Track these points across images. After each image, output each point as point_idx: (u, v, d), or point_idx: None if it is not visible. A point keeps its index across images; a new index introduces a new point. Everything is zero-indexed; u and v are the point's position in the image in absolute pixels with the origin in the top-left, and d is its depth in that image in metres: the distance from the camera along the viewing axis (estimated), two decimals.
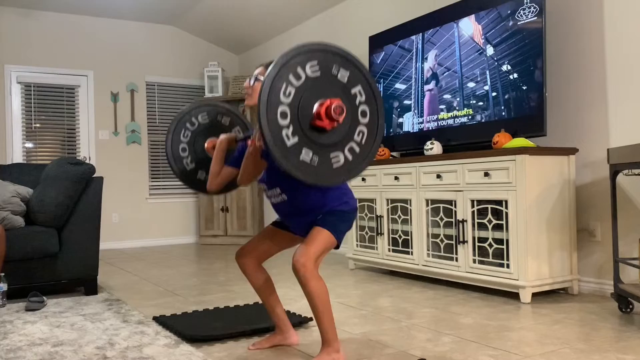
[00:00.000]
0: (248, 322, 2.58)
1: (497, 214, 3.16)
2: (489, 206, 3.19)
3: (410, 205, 3.73)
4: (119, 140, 6.55)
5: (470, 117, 3.62)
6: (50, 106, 6.24)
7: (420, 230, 3.65)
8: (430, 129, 3.91)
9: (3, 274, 3.16)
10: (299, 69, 1.74)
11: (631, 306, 2.71)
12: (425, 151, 3.71)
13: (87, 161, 4.84)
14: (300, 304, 3.05)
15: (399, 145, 4.20)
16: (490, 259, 3.18)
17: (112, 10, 6.26)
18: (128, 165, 6.59)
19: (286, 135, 1.70)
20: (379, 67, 4.35)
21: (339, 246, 2.05)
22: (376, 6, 4.96)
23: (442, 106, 3.82)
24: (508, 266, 3.06)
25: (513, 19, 3.33)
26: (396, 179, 3.86)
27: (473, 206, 3.28)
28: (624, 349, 2.15)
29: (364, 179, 4.16)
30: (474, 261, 3.27)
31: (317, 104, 1.75)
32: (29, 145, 6.14)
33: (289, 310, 2.73)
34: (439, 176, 3.50)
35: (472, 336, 2.37)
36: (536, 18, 3.19)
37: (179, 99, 6.94)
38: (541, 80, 3.16)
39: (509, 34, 3.35)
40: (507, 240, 3.07)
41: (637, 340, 2.27)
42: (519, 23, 3.29)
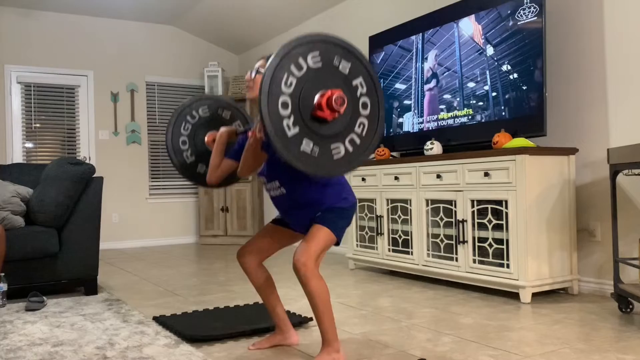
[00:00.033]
0: (248, 322, 2.58)
1: (497, 214, 3.16)
2: (489, 206, 3.19)
3: (410, 205, 3.73)
4: (119, 140, 6.56)
5: (470, 117, 3.62)
6: (50, 106, 6.24)
7: (420, 230, 3.65)
8: (430, 129, 3.91)
9: (3, 274, 3.16)
10: (300, 60, 1.73)
11: (631, 306, 2.71)
12: (425, 151, 3.71)
13: (87, 161, 4.84)
14: (301, 303, 3.05)
15: (399, 145, 4.20)
16: (490, 259, 3.18)
17: (112, 10, 6.26)
18: (128, 165, 6.59)
19: (287, 125, 1.69)
20: (379, 67, 4.35)
21: (339, 243, 2.05)
22: (376, 6, 4.96)
23: (442, 106, 3.82)
24: (508, 266, 3.06)
25: (513, 19, 3.33)
26: (396, 179, 3.86)
27: (473, 206, 3.28)
28: (624, 349, 2.15)
29: (364, 179, 4.17)
30: (474, 261, 3.27)
31: (318, 94, 1.74)
32: (29, 145, 6.14)
33: (289, 310, 2.73)
34: (439, 176, 3.50)
35: (472, 336, 2.37)
36: (536, 18, 3.19)
37: (179, 99, 6.94)
38: (541, 80, 3.16)
39: (509, 34, 3.35)
40: (507, 240, 3.07)
41: (637, 340, 2.27)
42: (519, 23, 3.29)
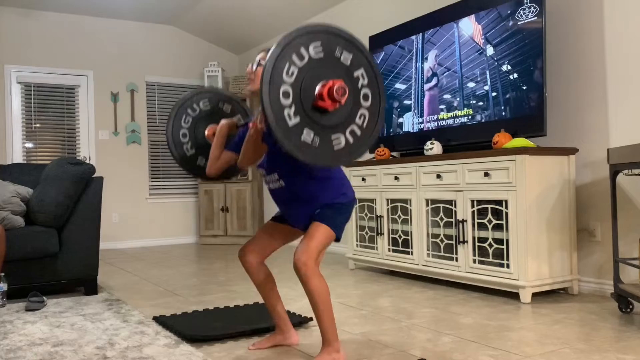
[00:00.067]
0: (248, 322, 2.58)
1: (497, 214, 3.16)
2: (489, 206, 3.19)
3: (410, 205, 3.73)
4: (119, 140, 6.55)
5: (470, 117, 3.62)
6: (50, 106, 6.24)
7: (420, 230, 3.65)
8: (430, 129, 3.91)
9: (3, 274, 3.16)
10: (302, 50, 1.72)
11: (631, 306, 2.71)
12: (425, 151, 3.71)
13: (87, 161, 4.84)
14: (301, 303, 3.05)
15: (399, 145, 4.20)
16: (490, 259, 3.18)
17: (112, 10, 6.26)
18: (128, 165, 6.59)
19: (288, 115, 1.69)
20: (379, 67, 4.34)
21: (339, 239, 2.04)
22: (376, 6, 4.96)
23: (442, 106, 3.82)
24: (508, 266, 3.06)
25: (513, 19, 3.33)
26: (396, 179, 3.86)
27: (473, 206, 3.28)
28: (624, 349, 2.15)
29: (364, 179, 4.17)
30: (474, 261, 3.27)
31: (319, 84, 1.74)
32: (29, 145, 6.14)
33: (289, 310, 2.73)
34: (439, 176, 3.50)
35: (472, 336, 2.37)
36: (536, 18, 3.19)
37: (179, 99, 6.93)
38: (541, 80, 3.16)
39: (509, 34, 3.35)
40: (507, 240, 3.07)
41: (637, 340, 2.27)
42: (519, 23, 3.29)
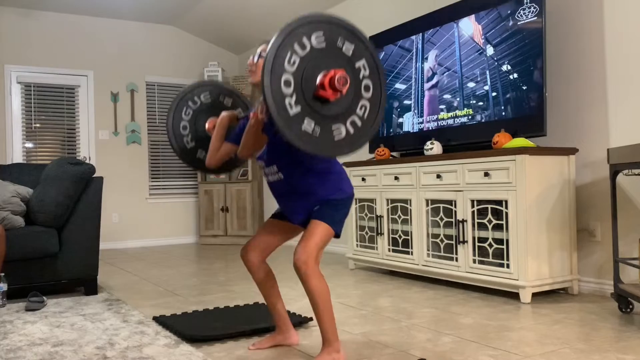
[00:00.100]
0: (248, 322, 2.58)
1: (497, 214, 3.16)
2: (489, 206, 3.19)
3: (410, 205, 3.73)
4: (119, 140, 6.55)
5: (470, 117, 3.62)
6: (50, 106, 6.24)
7: (420, 230, 3.65)
8: (430, 129, 3.91)
9: (3, 274, 3.16)
10: (304, 39, 1.72)
11: (631, 306, 2.71)
12: (425, 151, 3.71)
13: (87, 161, 4.84)
14: (301, 303, 3.05)
15: (399, 145, 4.20)
16: (490, 259, 3.18)
17: (112, 10, 6.26)
18: (128, 165, 6.59)
19: (289, 104, 1.69)
20: None
21: (339, 236, 2.04)
22: (376, 6, 4.96)
23: (442, 106, 3.82)
24: (508, 266, 3.06)
25: (513, 19, 3.33)
26: (396, 179, 3.86)
27: (473, 206, 3.28)
28: (624, 349, 2.15)
29: (364, 179, 4.17)
30: (474, 261, 3.27)
31: (321, 74, 1.74)
32: (29, 145, 6.14)
33: (289, 310, 2.73)
34: (439, 176, 3.50)
35: (472, 336, 2.37)
36: (536, 18, 3.19)
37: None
38: (541, 80, 3.16)
39: (509, 34, 3.35)
40: (507, 240, 3.07)
41: (637, 340, 2.27)
42: (519, 23, 3.29)
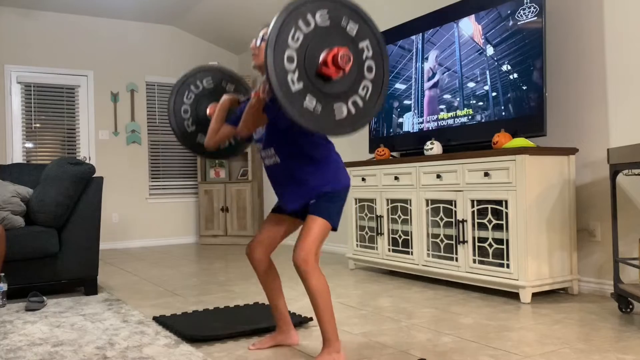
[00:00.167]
0: (248, 322, 2.58)
1: (497, 214, 3.16)
2: (489, 206, 3.19)
3: (410, 205, 3.73)
4: (119, 140, 6.55)
5: (470, 117, 3.62)
6: (50, 106, 6.24)
7: (420, 230, 3.65)
8: (430, 129, 3.91)
9: (3, 274, 3.16)
10: (309, 16, 1.72)
11: (631, 306, 2.71)
12: (425, 151, 3.71)
13: (87, 161, 4.84)
14: (301, 303, 3.05)
15: (399, 145, 4.20)
16: (490, 259, 3.18)
17: (112, 10, 6.26)
18: (128, 165, 6.59)
19: (291, 80, 1.69)
20: None
21: (336, 229, 2.05)
22: (376, 6, 4.96)
23: (442, 106, 3.82)
24: (508, 266, 3.06)
25: (513, 19, 3.32)
26: (396, 179, 3.86)
27: (473, 206, 3.28)
28: (624, 349, 2.15)
29: (364, 179, 4.17)
30: (474, 261, 3.27)
31: (324, 51, 1.74)
32: (29, 145, 6.14)
33: (289, 310, 2.72)
34: (439, 176, 3.50)
35: (472, 336, 2.37)
36: (536, 18, 3.19)
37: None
38: (541, 80, 3.16)
39: (509, 34, 3.35)
40: (507, 240, 3.07)
41: (637, 340, 2.27)
42: (519, 23, 3.29)
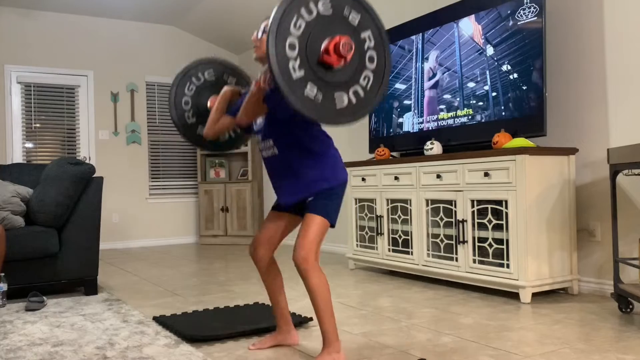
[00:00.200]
0: (248, 322, 2.58)
1: (497, 214, 3.16)
2: (489, 206, 3.19)
3: (410, 205, 3.73)
4: (119, 140, 6.55)
5: (470, 117, 3.62)
6: (50, 106, 6.24)
7: (420, 230, 3.65)
8: (430, 129, 3.91)
9: (3, 274, 3.16)
10: (311, 4, 1.73)
11: (631, 306, 2.71)
12: (425, 151, 3.71)
13: (87, 161, 4.84)
14: (301, 303, 3.05)
15: (399, 145, 4.20)
16: (490, 259, 3.18)
17: (111, 10, 6.26)
18: (128, 165, 6.59)
19: (293, 67, 1.69)
20: None
21: (334, 225, 2.05)
22: (376, 6, 4.95)
23: (442, 106, 3.82)
24: (508, 266, 3.06)
25: (513, 19, 3.32)
26: (396, 179, 3.86)
27: (473, 206, 3.28)
28: (624, 349, 2.15)
29: (364, 179, 4.17)
30: (474, 261, 3.27)
31: (326, 40, 1.74)
32: (29, 145, 6.14)
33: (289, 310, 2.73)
34: (439, 176, 3.50)
35: (472, 336, 2.37)
36: (536, 18, 3.19)
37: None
38: (541, 80, 3.16)
39: (509, 34, 3.35)
40: (507, 240, 3.07)
41: (637, 340, 2.27)
42: (519, 23, 3.29)
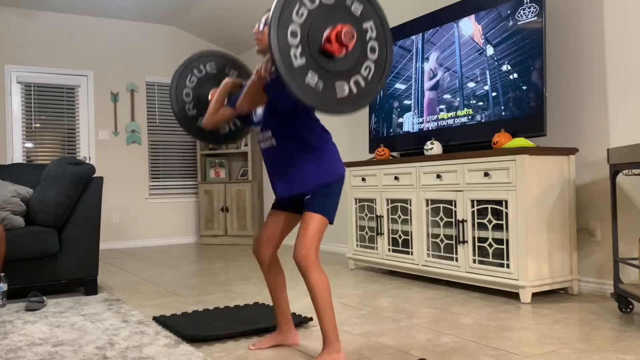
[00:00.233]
0: (248, 322, 2.58)
1: (497, 214, 3.16)
2: (489, 206, 3.19)
3: (410, 205, 3.73)
4: (119, 140, 6.55)
5: (470, 117, 3.62)
6: (50, 106, 6.24)
7: (420, 230, 3.65)
8: (430, 129, 3.91)
9: (3, 274, 3.16)
10: None
11: (631, 306, 2.71)
12: (425, 151, 3.71)
13: (87, 161, 4.84)
14: (301, 303, 3.05)
15: (399, 145, 4.20)
16: (490, 259, 3.18)
17: (111, 10, 6.26)
18: (128, 165, 6.59)
19: (294, 55, 1.69)
20: None
21: (332, 222, 2.06)
22: None
23: (442, 106, 3.82)
24: (508, 266, 3.06)
25: (513, 19, 3.33)
26: (396, 179, 3.86)
27: (473, 206, 3.28)
28: (624, 349, 2.15)
29: (364, 179, 4.17)
30: (474, 261, 3.27)
31: (328, 28, 1.74)
32: (29, 145, 6.14)
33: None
34: (439, 176, 3.50)
35: (472, 336, 2.37)
36: (536, 18, 3.19)
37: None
38: (541, 80, 3.16)
39: (509, 34, 3.35)
40: (507, 240, 3.07)
41: (637, 340, 2.27)
42: (519, 23, 3.29)
